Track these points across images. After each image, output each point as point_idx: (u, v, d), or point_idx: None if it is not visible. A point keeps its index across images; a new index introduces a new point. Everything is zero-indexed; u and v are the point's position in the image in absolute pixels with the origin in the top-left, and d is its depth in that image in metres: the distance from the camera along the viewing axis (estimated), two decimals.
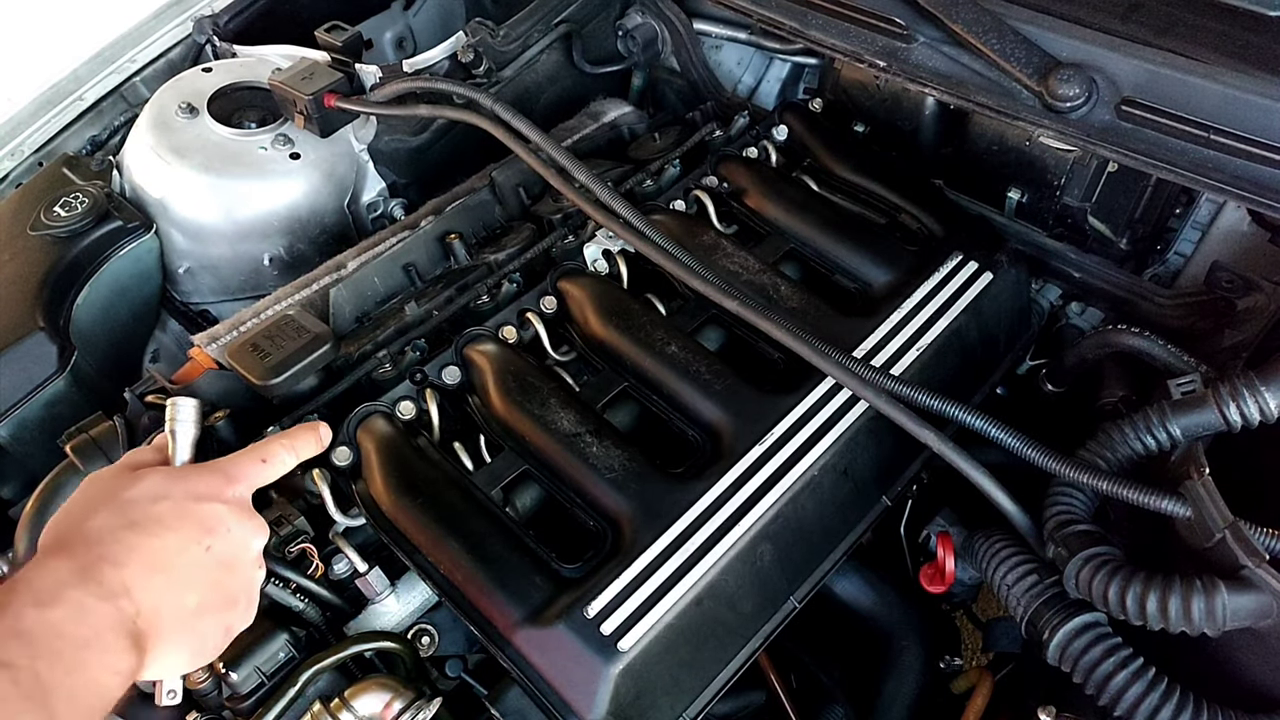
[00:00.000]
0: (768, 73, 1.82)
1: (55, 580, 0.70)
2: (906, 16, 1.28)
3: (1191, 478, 0.92)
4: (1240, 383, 0.95)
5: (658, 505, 1.02)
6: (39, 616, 0.67)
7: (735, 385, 1.12)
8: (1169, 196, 1.33)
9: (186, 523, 0.81)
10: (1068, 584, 0.98)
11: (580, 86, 1.78)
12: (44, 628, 0.67)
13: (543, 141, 1.33)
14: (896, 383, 1.07)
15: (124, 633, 0.72)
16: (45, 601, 0.68)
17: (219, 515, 0.83)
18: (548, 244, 1.36)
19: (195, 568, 0.80)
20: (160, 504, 0.80)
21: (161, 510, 0.80)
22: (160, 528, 0.79)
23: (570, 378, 1.20)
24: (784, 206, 1.36)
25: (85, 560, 0.72)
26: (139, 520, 0.78)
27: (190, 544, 0.81)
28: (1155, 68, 1.11)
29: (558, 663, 0.93)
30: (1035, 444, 1.01)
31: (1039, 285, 1.44)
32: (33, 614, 0.67)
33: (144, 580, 0.75)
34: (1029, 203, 1.39)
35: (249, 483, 0.89)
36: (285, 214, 1.53)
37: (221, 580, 0.83)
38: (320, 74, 1.50)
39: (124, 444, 1.16)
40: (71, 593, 0.70)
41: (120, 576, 0.74)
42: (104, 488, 0.82)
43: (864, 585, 1.32)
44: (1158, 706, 0.91)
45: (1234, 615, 0.86)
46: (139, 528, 0.78)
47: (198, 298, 1.60)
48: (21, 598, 0.68)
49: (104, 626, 0.71)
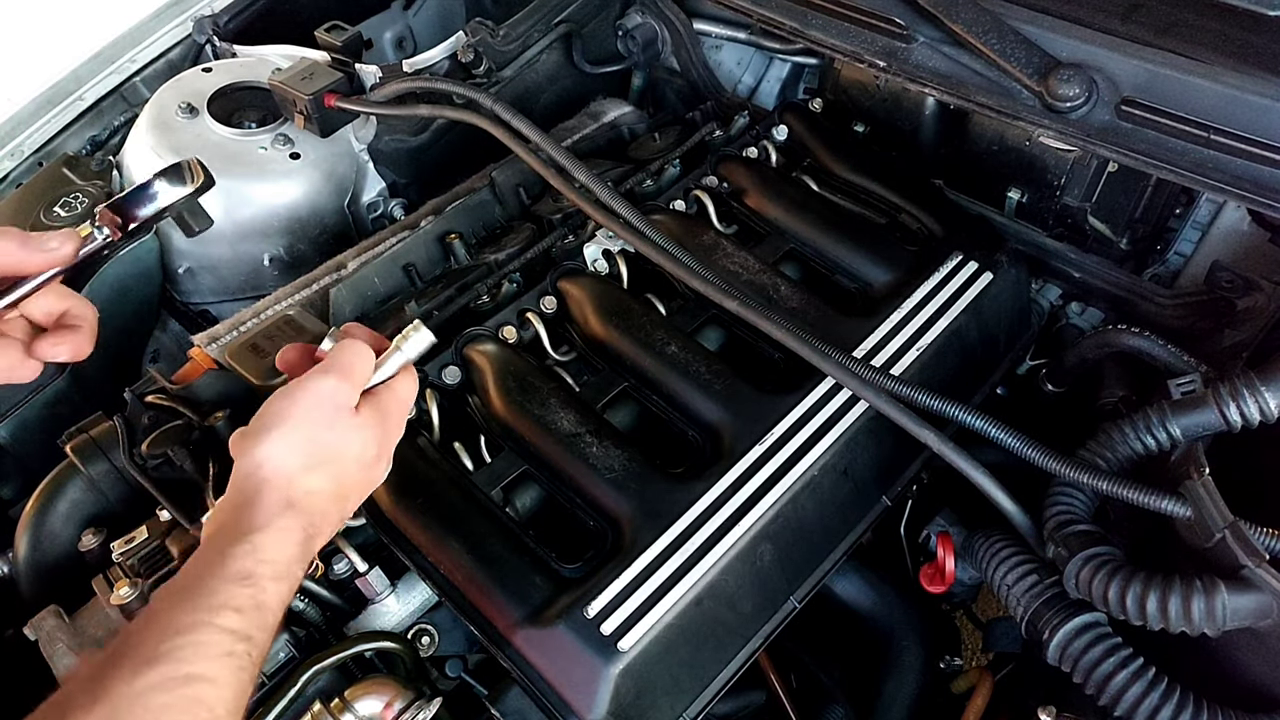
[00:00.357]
0: (768, 73, 1.82)
1: (287, 556, 0.77)
2: (906, 16, 1.28)
3: (1191, 478, 0.92)
4: (1240, 383, 0.95)
5: (658, 505, 1.02)
6: (276, 589, 0.75)
7: (735, 385, 1.12)
8: (1169, 196, 1.33)
9: (380, 471, 0.90)
10: (1068, 584, 0.98)
11: (580, 86, 1.78)
12: (275, 596, 0.75)
13: (543, 141, 1.33)
14: (896, 383, 1.07)
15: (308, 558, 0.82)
16: (281, 575, 0.76)
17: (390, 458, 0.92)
18: (548, 244, 1.36)
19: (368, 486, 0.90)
20: (370, 470, 0.88)
21: (371, 476, 0.89)
22: (363, 491, 0.89)
23: (570, 378, 1.20)
24: (784, 206, 1.36)
25: (306, 533, 0.80)
26: (349, 492, 0.86)
27: (376, 482, 0.91)
28: (1155, 68, 1.11)
29: (558, 663, 0.93)
30: (1035, 444, 1.01)
31: (1039, 285, 1.44)
32: (271, 587, 0.75)
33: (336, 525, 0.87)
34: (1029, 203, 1.39)
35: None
36: (285, 214, 1.53)
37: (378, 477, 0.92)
38: (320, 74, 1.50)
39: (124, 444, 1.17)
40: (296, 568, 0.79)
41: (322, 539, 0.83)
42: (331, 438, 0.84)
43: (864, 585, 1.32)
44: (1158, 706, 0.91)
45: (1234, 615, 0.86)
46: (347, 500, 0.86)
47: (198, 298, 1.60)
48: (261, 565, 0.75)
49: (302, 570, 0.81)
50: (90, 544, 1.18)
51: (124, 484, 1.21)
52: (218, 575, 0.73)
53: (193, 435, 1.16)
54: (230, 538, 0.76)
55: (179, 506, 1.12)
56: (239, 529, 0.77)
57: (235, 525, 0.77)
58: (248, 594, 0.73)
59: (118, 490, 1.22)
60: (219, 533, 0.77)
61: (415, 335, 0.93)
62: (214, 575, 0.73)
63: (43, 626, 1.09)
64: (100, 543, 1.17)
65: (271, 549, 0.76)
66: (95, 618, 1.10)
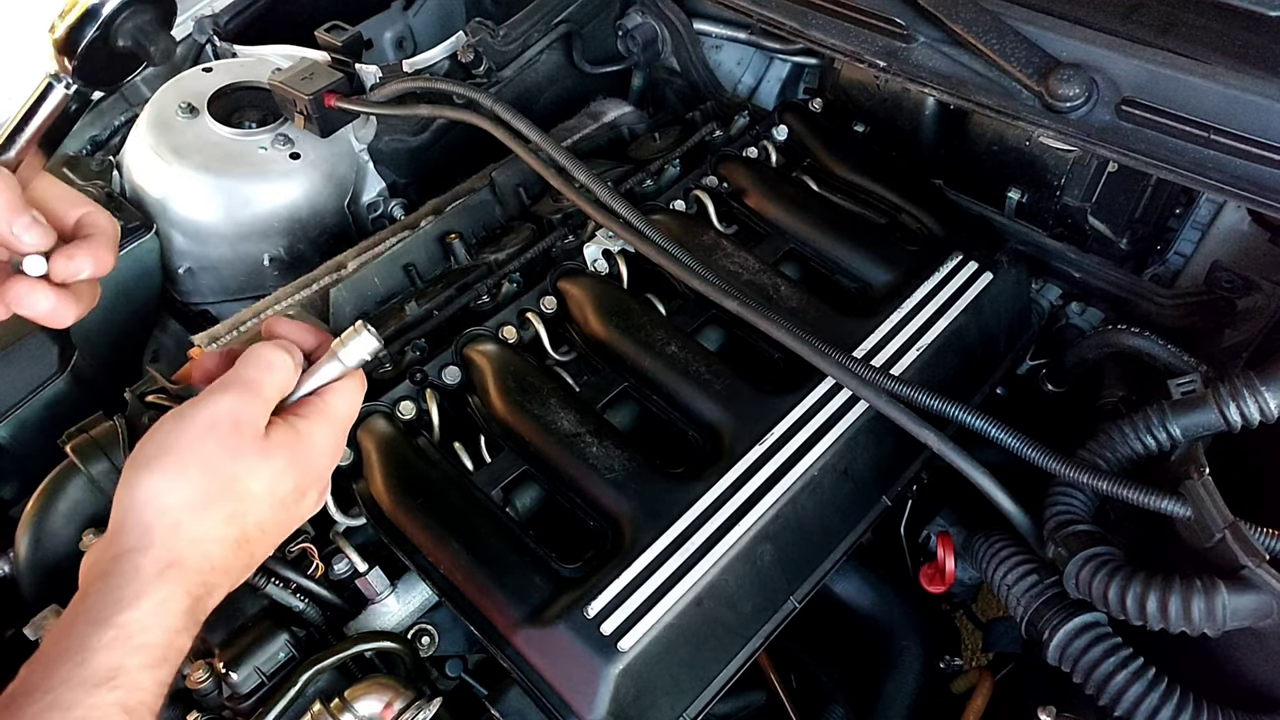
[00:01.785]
0: (768, 73, 1.82)
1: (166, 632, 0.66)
2: (906, 16, 1.28)
3: (1191, 478, 0.92)
4: (1240, 383, 0.95)
5: (658, 505, 1.02)
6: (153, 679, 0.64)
7: (735, 385, 1.12)
8: (1169, 196, 1.33)
9: (305, 506, 0.77)
10: (1068, 584, 0.98)
11: (580, 86, 1.78)
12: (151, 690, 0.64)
13: (543, 141, 1.33)
14: (896, 383, 1.07)
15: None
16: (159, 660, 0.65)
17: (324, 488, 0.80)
18: (548, 244, 1.36)
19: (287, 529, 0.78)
20: (289, 507, 0.75)
21: (291, 514, 0.76)
22: (278, 533, 0.76)
23: (570, 378, 1.20)
24: (784, 206, 1.36)
25: (194, 596, 0.68)
26: (257, 536, 0.73)
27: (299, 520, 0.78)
28: (1155, 68, 1.11)
29: (558, 663, 0.93)
30: (1035, 444, 1.01)
31: (1039, 285, 1.44)
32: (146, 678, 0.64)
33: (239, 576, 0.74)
34: (1029, 203, 1.39)
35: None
36: (285, 214, 1.53)
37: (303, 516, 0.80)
38: (320, 74, 1.50)
39: (124, 444, 1.16)
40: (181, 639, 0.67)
41: (218, 596, 0.72)
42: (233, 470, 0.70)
43: (864, 585, 1.32)
44: (1158, 706, 0.91)
45: (1234, 615, 0.86)
46: (253, 546, 0.73)
47: (198, 298, 1.60)
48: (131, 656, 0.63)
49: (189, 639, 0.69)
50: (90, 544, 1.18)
51: None
52: (75, 681, 0.61)
53: None
54: (94, 619, 0.63)
55: None
56: (105, 605, 0.64)
57: (103, 596, 0.64)
58: (114, 700, 0.61)
59: None
60: (85, 602, 0.65)
61: (355, 340, 0.79)
62: (73, 678, 0.61)
63: (43, 626, 1.09)
64: None
65: (145, 630, 0.64)
66: None
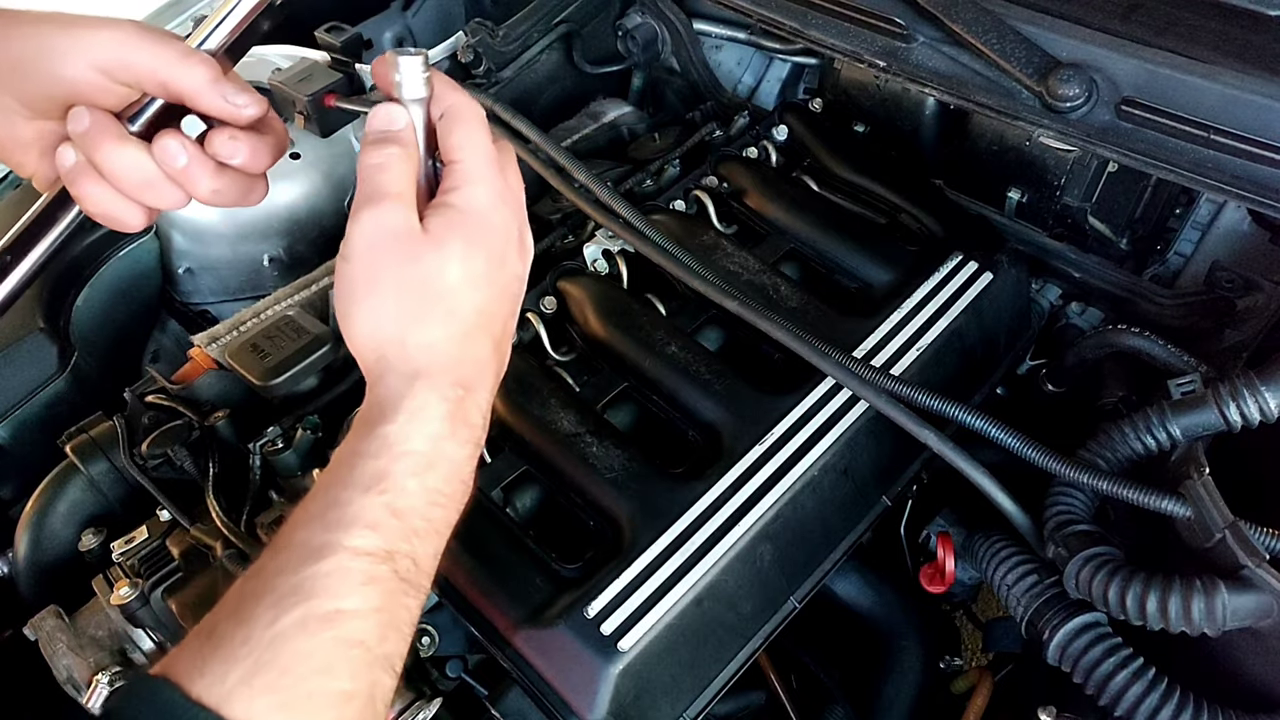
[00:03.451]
0: (768, 73, 1.82)
1: (428, 439, 0.66)
2: (906, 16, 1.28)
3: (1191, 478, 0.92)
4: (1240, 383, 0.95)
5: (658, 505, 1.02)
6: (420, 486, 0.65)
7: (735, 385, 1.12)
8: (1169, 196, 1.33)
9: (512, 268, 0.74)
10: (1068, 584, 0.98)
11: (580, 86, 1.78)
12: (420, 496, 0.65)
13: (542, 141, 1.33)
14: (896, 383, 1.07)
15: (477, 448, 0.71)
16: (425, 466, 0.66)
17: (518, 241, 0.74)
18: (547, 244, 1.36)
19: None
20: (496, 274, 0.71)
21: (503, 279, 0.72)
22: (502, 306, 0.73)
23: (570, 378, 1.20)
24: (784, 206, 1.36)
25: (450, 399, 0.68)
26: (483, 319, 0.71)
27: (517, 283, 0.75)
28: (1155, 68, 1.11)
29: (558, 663, 0.93)
30: (1035, 444, 1.01)
31: (1039, 285, 1.44)
32: (413, 484, 0.65)
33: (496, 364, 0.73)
34: (1029, 203, 1.39)
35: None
36: (285, 214, 1.53)
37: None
38: (320, 74, 1.50)
39: (124, 444, 1.17)
40: (448, 446, 0.68)
41: (483, 391, 0.71)
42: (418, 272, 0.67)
43: (864, 585, 1.32)
44: (1158, 706, 0.91)
45: (1234, 615, 0.86)
46: (490, 326, 0.72)
47: (198, 298, 1.60)
48: (396, 462, 0.65)
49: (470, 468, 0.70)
50: (90, 544, 1.18)
51: (124, 484, 1.21)
52: (346, 484, 0.63)
53: (193, 435, 1.16)
54: (360, 436, 0.66)
55: (179, 506, 1.12)
56: (368, 425, 0.66)
57: (365, 425, 0.67)
58: (382, 503, 0.63)
59: (118, 490, 1.22)
60: (354, 433, 0.67)
61: (404, 72, 0.69)
62: (343, 485, 0.64)
63: (43, 626, 1.09)
64: (100, 543, 1.18)
65: (405, 438, 0.65)
66: (95, 618, 1.11)
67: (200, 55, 0.73)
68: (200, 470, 1.13)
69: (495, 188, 0.72)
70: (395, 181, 0.68)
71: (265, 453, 1.11)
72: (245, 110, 0.74)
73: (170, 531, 1.14)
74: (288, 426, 1.13)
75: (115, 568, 1.13)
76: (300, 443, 1.11)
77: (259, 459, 1.11)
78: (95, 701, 1.02)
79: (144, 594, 1.05)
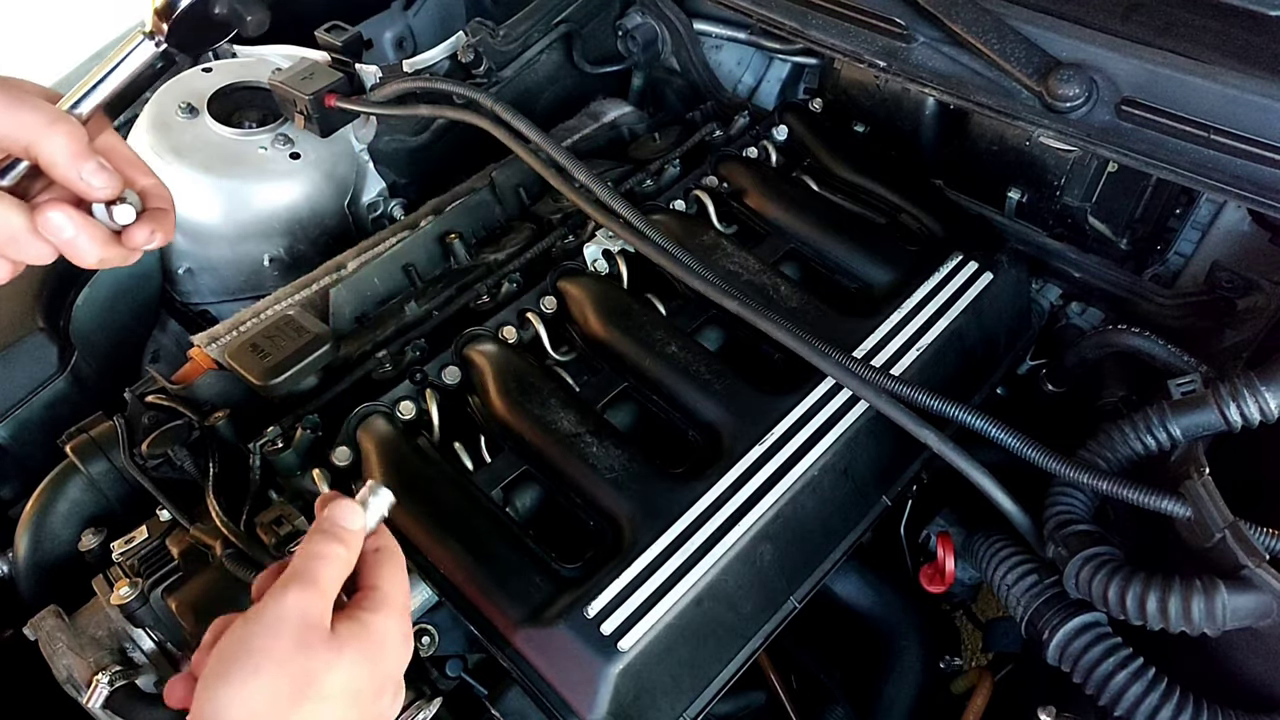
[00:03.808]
0: (768, 73, 1.82)
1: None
2: (906, 16, 1.28)
3: (1191, 478, 0.92)
4: (1240, 383, 0.95)
5: (658, 505, 1.02)
6: None
7: (735, 385, 1.12)
8: (1169, 196, 1.33)
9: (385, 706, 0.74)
10: (1068, 584, 0.98)
11: (580, 86, 1.78)
12: None
13: (543, 141, 1.33)
14: (896, 383, 1.07)
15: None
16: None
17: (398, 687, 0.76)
18: (548, 244, 1.36)
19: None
20: (369, 705, 0.72)
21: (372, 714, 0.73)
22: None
23: (570, 378, 1.20)
24: (784, 206, 1.36)
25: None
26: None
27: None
28: (1155, 68, 1.11)
29: (558, 663, 0.93)
30: (1035, 444, 1.01)
31: (1039, 285, 1.44)
32: None
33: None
34: (1029, 203, 1.39)
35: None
36: (285, 214, 1.53)
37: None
38: (320, 74, 1.50)
39: (124, 444, 1.16)
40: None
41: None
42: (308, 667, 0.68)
43: (864, 585, 1.32)
44: (1158, 706, 0.91)
45: (1234, 615, 0.86)
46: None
47: (198, 298, 1.59)
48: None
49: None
50: (90, 544, 1.18)
51: (124, 484, 1.21)
52: None
53: (193, 435, 1.16)
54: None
55: (179, 506, 1.12)
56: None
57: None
58: None
59: (118, 490, 1.22)
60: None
61: (373, 499, 0.79)
62: None
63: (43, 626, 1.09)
64: (100, 542, 1.17)
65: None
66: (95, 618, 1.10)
67: (67, 123, 0.73)
68: (200, 470, 1.13)
69: (406, 631, 0.76)
70: (329, 578, 0.72)
71: (265, 452, 1.11)
72: (99, 192, 0.75)
73: (170, 531, 1.14)
74: (287, 426, 1.13)
75: (115, 567, 1.12)
76: (300, 442, 1.11)
77: (259, 459, 1.11)
78: (95, 701, 1.02)
79: (144, 593, 1.05)
